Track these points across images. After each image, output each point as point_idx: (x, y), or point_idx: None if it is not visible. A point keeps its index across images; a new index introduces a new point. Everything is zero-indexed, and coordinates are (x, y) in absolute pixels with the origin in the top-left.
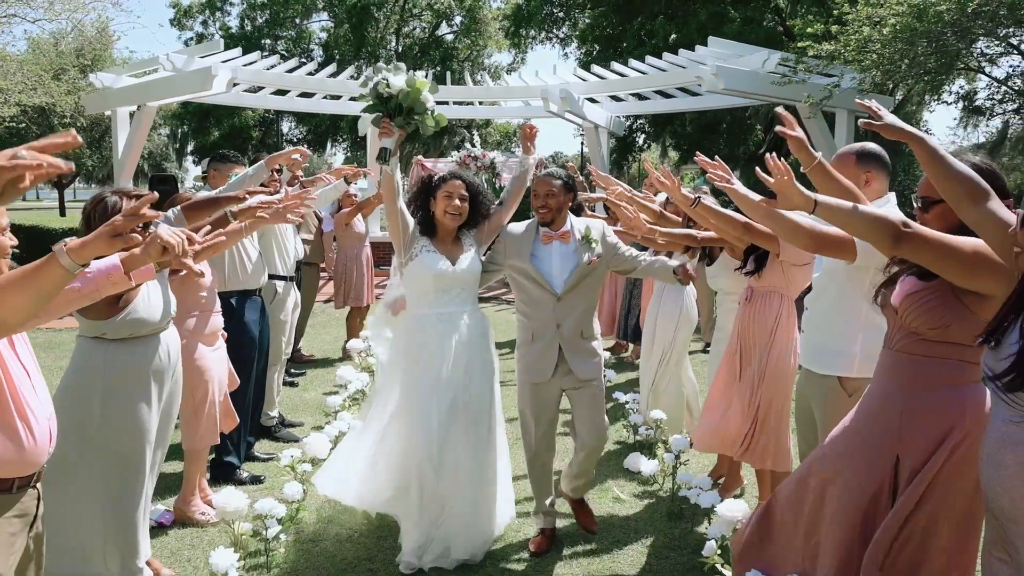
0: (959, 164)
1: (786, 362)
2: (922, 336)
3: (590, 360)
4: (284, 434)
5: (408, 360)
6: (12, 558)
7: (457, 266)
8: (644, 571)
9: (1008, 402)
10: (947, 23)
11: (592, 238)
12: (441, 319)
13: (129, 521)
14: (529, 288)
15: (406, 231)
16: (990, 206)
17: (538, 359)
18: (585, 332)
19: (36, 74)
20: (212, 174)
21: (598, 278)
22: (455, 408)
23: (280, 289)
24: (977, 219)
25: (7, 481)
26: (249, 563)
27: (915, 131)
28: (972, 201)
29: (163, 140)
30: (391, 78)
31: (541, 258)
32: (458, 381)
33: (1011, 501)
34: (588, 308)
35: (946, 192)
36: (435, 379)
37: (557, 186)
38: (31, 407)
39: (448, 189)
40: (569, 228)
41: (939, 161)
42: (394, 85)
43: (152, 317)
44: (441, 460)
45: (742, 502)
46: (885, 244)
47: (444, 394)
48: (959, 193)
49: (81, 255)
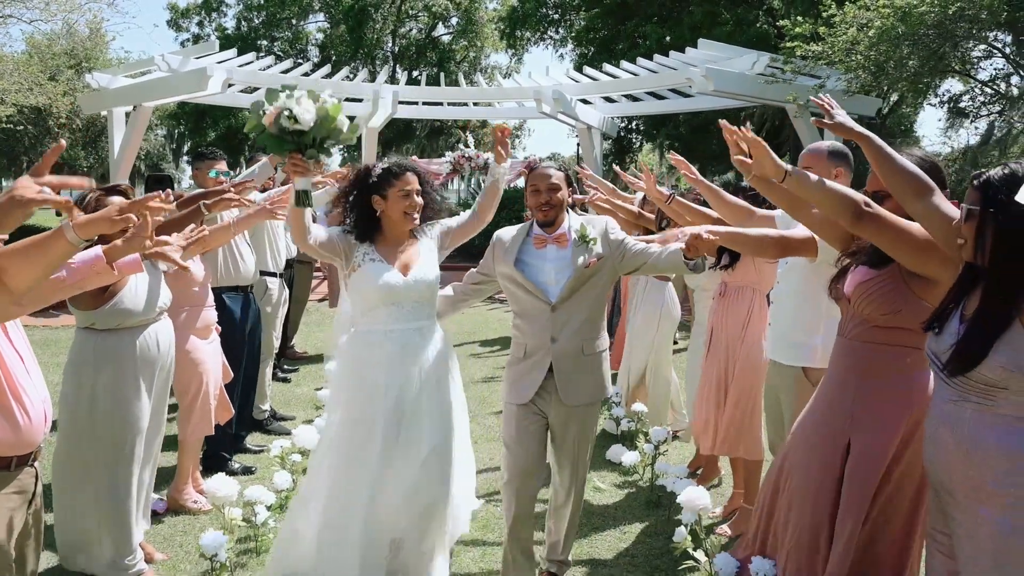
0: (904, 161)
1: (758, 355)
2: (874, 323)
3: (586, 384)
4: (275, 427)
5: (350, 387)
6: (12, 532)
7: (410, 276)
8: (621, 555)
9: (948, 383)
10: (930, 26)
11: (589, 237)
12: (390, 337)
13: (121, 507)
14: (520, 297)
15: (341, 246)
16: (934, 200)
17: (521, 376)
18: (587, 348)
19: (33, 74)
20: (195, 173)
21: (602, 283)
22: (401, 446)
23: (270, 285)
24: (922, 212)
25: (5, 459)
26: (239, 548)
27: (863, 130)
28: (917, 195)
29: (159, 141)
30: (296, 110)
31: (530, 263)
32: (408, 414)
33: (948, 475)
34: (590, 320)
35: (893, 188)
36: (378, 412)
37: (559, 177)
38: (25, 389)
39: (404, 186)
40: (566, 230)
41: (886, 158)
42: (303, 120)
43: (138, 308)
44: (379, 520)
45: (702, 489)
46: (847, 218)
47: (389, 430)
48: (905, 188)
49: (86, 231)
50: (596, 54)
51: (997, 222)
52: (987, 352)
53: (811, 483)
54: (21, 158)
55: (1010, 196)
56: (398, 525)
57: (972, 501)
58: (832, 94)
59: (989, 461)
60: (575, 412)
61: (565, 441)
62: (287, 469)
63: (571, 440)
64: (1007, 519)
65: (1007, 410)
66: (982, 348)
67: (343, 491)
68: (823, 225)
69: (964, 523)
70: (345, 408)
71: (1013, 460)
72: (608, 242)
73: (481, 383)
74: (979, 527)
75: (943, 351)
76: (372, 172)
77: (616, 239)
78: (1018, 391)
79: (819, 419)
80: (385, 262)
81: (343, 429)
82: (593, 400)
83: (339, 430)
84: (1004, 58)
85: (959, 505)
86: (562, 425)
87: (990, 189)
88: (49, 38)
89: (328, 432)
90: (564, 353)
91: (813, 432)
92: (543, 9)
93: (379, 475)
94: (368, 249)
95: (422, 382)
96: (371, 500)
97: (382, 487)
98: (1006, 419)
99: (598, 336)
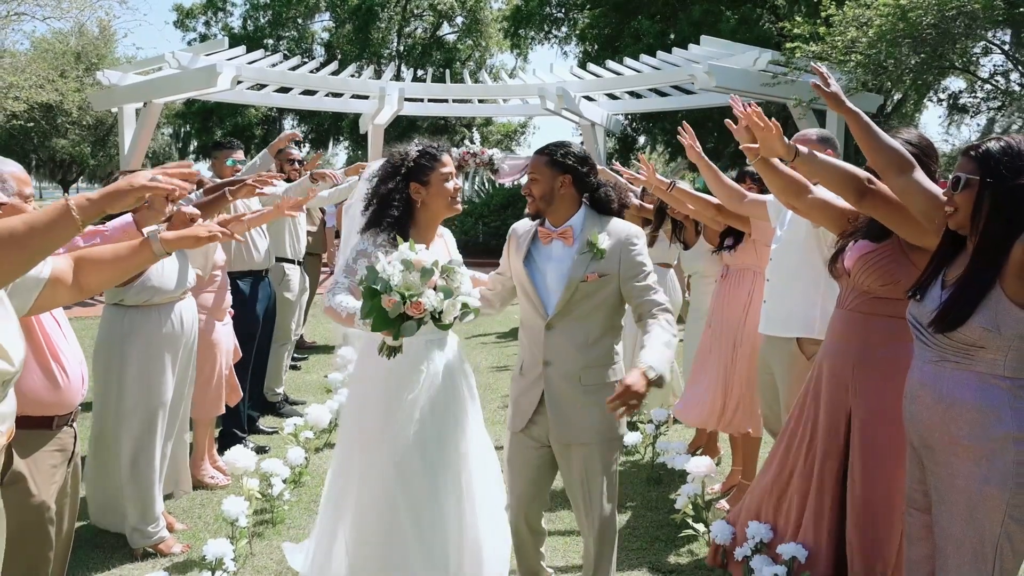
0: (888, 138)
1: (758, 336)
2: (873, 294)
3: (583, 420)
4: (287, 411)
5: (385, 403)
6: (53, 487)
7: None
8: (622, 528)
9: (928, 344)
10: (928, 24)
11: (599, 246)
12: (430, 346)
13: (145, 476)
14: (523, 302)
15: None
16: (914, 176)
17: (518, 397)
18: (587, 378)
19: (44, 71)
20: (213, 162)
21: (606, 304)
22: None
23: (288, 272)
24: (903, 187)
25: (48, 419)
26: (255, 519)
27: (852, 106)
28: (899, 171)
29: (167, 140)
30: (429, 300)
31: (538, 263)
32: (448, 432)
33: (927, 430)
34: (594, 344)
35: (876, 163)
36: (428, 431)
37: (540, 163)
38: (63, 351)
39: (443, 168)
40: (573, 225)
41: (871, 135)
42: (430, 304)
43: (165, 286)
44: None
45: (707, 458)
46: (852, 195)
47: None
48: (888, 164)
49: (172, 245)
50: (600, 51)
51: (994, 192)
52: (973, 312)
53: (812, 452)
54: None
55: (1009, 167)
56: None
57: (949, 455)
58: None
59: (965, 416)
60: (576, 451)
61: (571, 479)
62: (300, 446)
63: (577, 480)
64: (981, 470)
65: (982, 368)
66: (968, 308)
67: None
68: (819, 209)
69: (941, 475)
70: (381, 423)
71: (987, 414)
72: (622, 260)
73: (488, 371)
74: (955, 478)
75: (925, 315)
76: (408, 157)
77: (634, 260)
78: (995, 350)
79: (821, 391)
80: None
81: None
82: (594, 441)
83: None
84: (1003, 54)
85: (936, 459)
86: (565, 461)
87: (990, 160)
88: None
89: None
90: (558, 381)
91: (817, 404)
92: (547, 8)
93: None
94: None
95: (457, 394)
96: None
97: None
98: (982, 376)
99: (605, 365)
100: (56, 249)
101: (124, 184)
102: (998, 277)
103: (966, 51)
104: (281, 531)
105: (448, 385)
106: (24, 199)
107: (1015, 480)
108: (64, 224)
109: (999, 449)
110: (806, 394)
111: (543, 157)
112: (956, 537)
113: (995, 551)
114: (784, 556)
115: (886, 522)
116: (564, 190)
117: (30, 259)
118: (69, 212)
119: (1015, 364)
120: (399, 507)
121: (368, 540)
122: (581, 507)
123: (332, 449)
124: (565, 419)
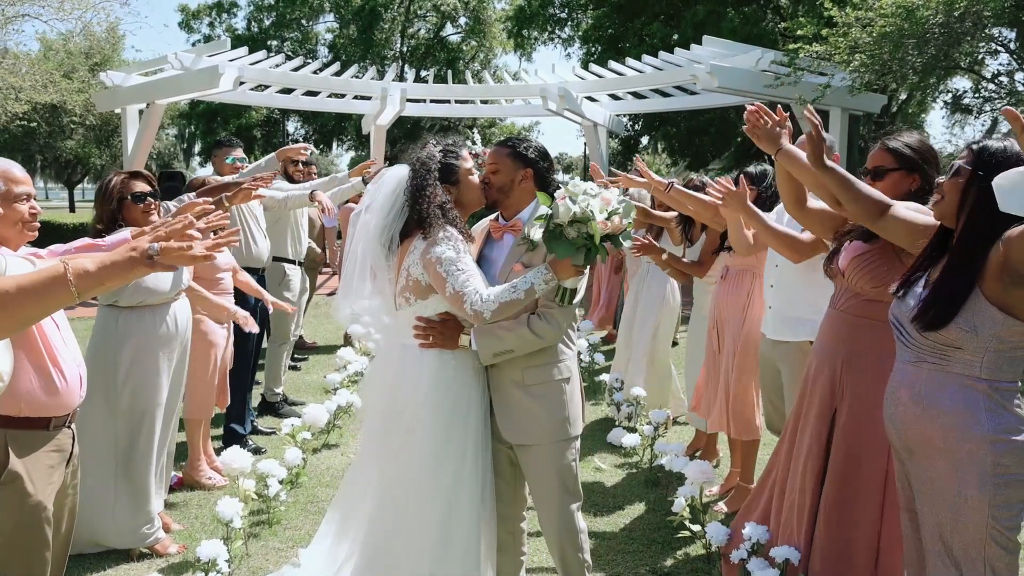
0: (863, 186)
1: (756, 336)
2: (865, 296)
3: (527, 420)
4: (287, 411)
5: (456, 412)
6: (50, 488)
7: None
8: (621, 531)
9: (907, 345)
10: (934, 25)
11: (533, 238)
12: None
13: (141, 477)
14: None
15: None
16: (891, 213)
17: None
18: (528, 378)
19: (48, 72)
20: (213, 160)
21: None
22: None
23: (289, 272)
24: (883, 228)
25: (44, 420)
26: (251, 520)
27: (832, 164)
28: (878, 215)
29: (171, 140)
30: (593, 204)
31: (489, 258)
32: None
33: (905, 431)
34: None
35: (855, 211)
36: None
37: (503, 155)
38: (62, 354)
39: (468, 164)
40: (522, 218)
41: (849, 187)
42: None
43: (159, 288)
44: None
45: (706, 463)
46: (872, 218)
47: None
48: (868, 211)
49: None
50: (603, 52)
51: (982, 186)
52: (956, 312)
53: (805, 452)
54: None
55: (1003, 165)
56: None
57: (927, 457)
58: (837, 92)
59: (941, 419)
60: (526, 452)
61: (529, 480)
62: (297, 446)
63: (533, 482)
64: (959, 473)
65: (959, 369)
66: (950, 306)
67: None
68: (818, 221)
69: (922, 478)
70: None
71: (963, 416)
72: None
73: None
74: (934, 481)
75: (906, 314)
76: (433, 158)
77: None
78: (971, 351)
79: (812, 390)
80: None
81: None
82: (540, 442)
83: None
84: (1009, 54)
85: (917, 461)
86: (521, 461)
87: (985, 153)
88: (64, 37)
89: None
90: (499, 381)
91: (808, 404)
92: (550, 8)
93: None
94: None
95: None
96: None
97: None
98: (958, 378)
99: (549, 363)
100: (47, 316)
101: (126, 259)
102: (977, 279)
103: (972, 51)
104: (277, 532)
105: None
106: (16, 199)
107: (993, 481)
108: (58, 293)
109: (976, 451)
110: (803, 394)
111: (506, 149)
112: (944, 539)
113: (982, 553)
114: (777, 559)
115: (852, 523)
116: (524, 184)
117: (18, 326)
118: (66, 282)
119: (991, 366)
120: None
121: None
122: (537, 507)
123: (330, 450)
124: (511, 420)
